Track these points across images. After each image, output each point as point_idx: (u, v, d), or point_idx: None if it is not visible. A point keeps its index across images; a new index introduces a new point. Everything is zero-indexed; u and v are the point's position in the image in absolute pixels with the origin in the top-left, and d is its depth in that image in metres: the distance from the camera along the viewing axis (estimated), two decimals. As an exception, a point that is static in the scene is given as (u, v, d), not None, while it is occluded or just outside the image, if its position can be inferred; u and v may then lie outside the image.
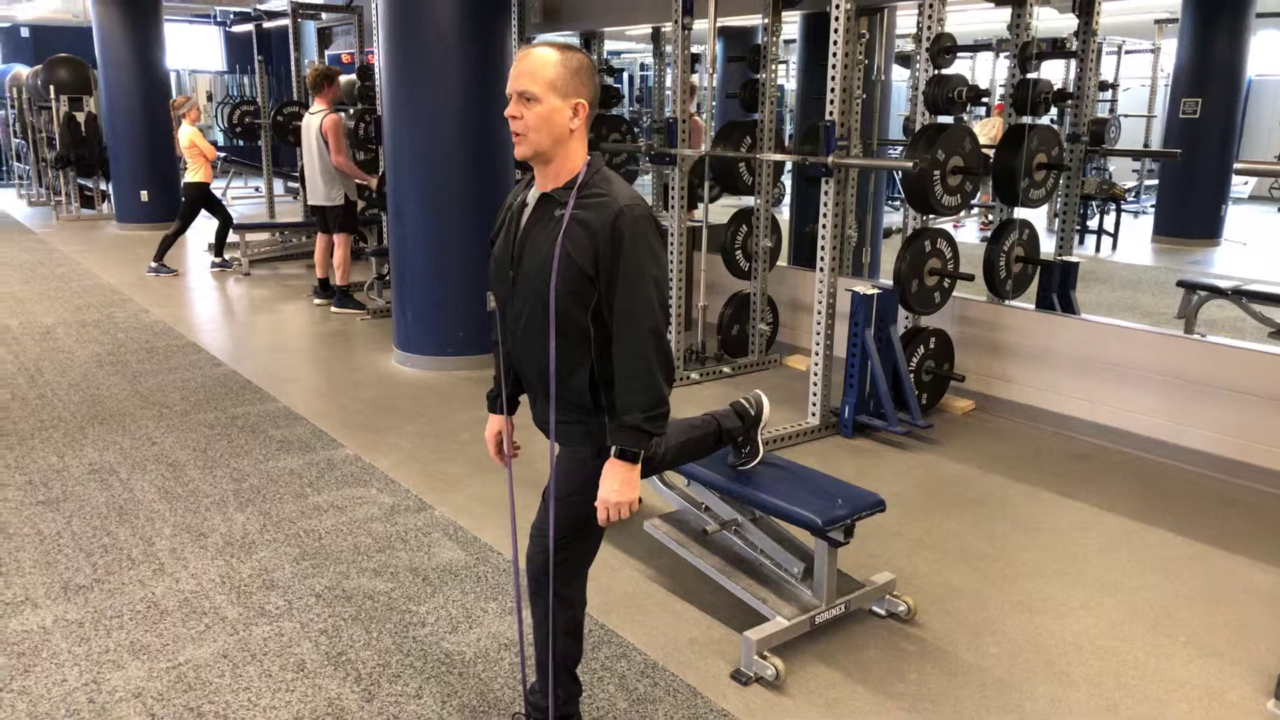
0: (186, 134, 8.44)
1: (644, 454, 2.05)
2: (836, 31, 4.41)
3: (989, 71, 13.17)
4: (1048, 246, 5.49)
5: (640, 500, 2.09)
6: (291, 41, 10.17)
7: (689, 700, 2.65)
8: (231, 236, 8.99)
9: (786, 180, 8.54)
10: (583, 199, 2.00)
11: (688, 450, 2.79)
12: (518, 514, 2.45)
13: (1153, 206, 11.58)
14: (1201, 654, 2.92)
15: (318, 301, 7.56)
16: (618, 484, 2.04)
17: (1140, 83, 13.21)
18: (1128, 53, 12.62)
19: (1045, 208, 5.75)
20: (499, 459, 2.39)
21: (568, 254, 1.98)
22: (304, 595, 3.18)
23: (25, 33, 17.01)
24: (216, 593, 3.20)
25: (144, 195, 11.29)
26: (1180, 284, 6.03)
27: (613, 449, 2.04)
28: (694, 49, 5.72)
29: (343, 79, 9.07)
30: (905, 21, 7.85)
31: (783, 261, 6.27)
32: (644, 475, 2.12)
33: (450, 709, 2.61)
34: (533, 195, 2.10)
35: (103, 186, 12.43)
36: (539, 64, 1.97)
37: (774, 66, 5.57)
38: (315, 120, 7.00)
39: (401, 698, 2.65)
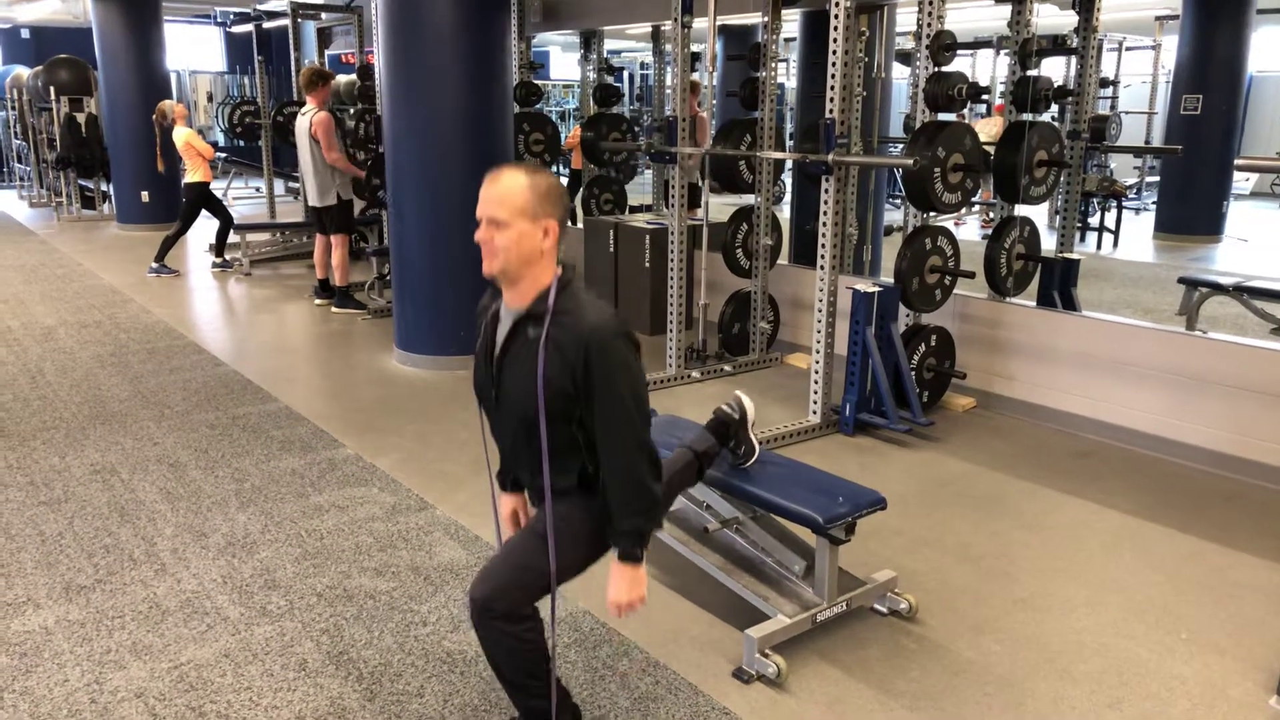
0: (182, 135, 8.44)
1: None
2: (836, 29, 4.40)
3: (989, 69, 13.15)
4: (1049, 244, 5.49)
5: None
6: (291, 42, 10.16)
7: (690, 698, 2.65)
8: (232, 237, 8.99)
9: (787, 179, 8.54)
10: (555, 320, 2.06)
11: (672, 492, 2.84)
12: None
13: (1154, 203, 11.56)
14: (1203, 650, 2.91)
15: (318, 302, 7.56)
16: (625, 584, 2.14)
17: (1141, 79, 13.19)
18: (1128, 49, 12.60)
19: (1046, 205, 5.76)
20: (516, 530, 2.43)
21: (549, 378, 2.06)
22: (305, 595, 3.19)
23: (25, 34, 17.01)
24: (218, 593, 3.20)
25: (144, 196, 11.30)
26: (1182, 281, 6.03)
27: (615, 551, 2.13)
28: (694, 47, 5.71)
29: (342, 79, 9.08)
30: (905, 19, 7.85)
31: (783, 260, 6.27)
32: None
33: (451, 708, 2.61)
34: (505, 312, 2.17)
35: (103, 187, 12.43)
36: (508, 190, 2.03)
37: (774, 64, 5.57)
38: (306, 120, 7.02)
39: (403, 697, 2.65)
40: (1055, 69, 5.81)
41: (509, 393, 2.15)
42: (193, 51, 18.11)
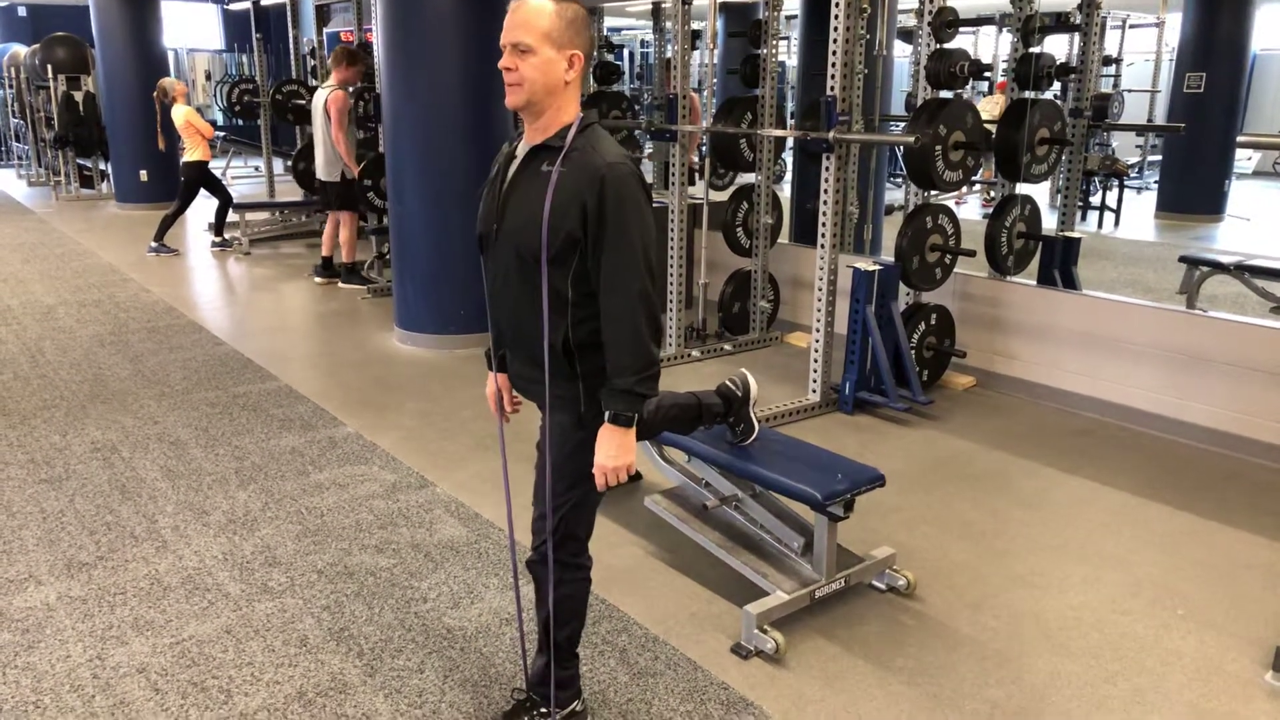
0: (181, 114, 8.41)
1: (637, 417, 2.04)
2: (838, 6, 4.37)
3: (992, 46, 13.06)
4: (1050, 222, 5.47)
5: (640, 476, 2.09)
6: (290, 19, 10.11)
7: (689, 673, 2.67)
8: (231, 216, 8.97)
9: (788, 157, 8.50)
10: (569, 156, 1.98)
11: (671, 419, 2.81)
12: (511, 486, 2.46)
13: (1156, 182, 11.52)
14: (1200, 627, 2.93)
15: (319, 280, 7.56)
16: (613, 449, 2.04)
17: (1144, 57, 13.11)
18: (1132, 27, 12.51)
19: (1048, 183, 5.74)
20: (499, 415, 2.40)
21: (555, 210, 1.96)
22: (306, 572, 3.20)
23: (22, 11, 16.92)
24: (219, 569, 3.21)
25: (143, 175, 11.25)
26: (1183, 259, 6.01)
27: (606, 413, 2.03)
28: (694, 24, 5.68)
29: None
30: (907, -4, 7.78)
31: (784, 238, 6.25)
32: (637, 438, 2.12)
33: (452, 683, 2.62)
34: (522, 148, 2.09)
35: (102, 166, 12.39)
36: (534, 14, 1.95)
37: (775, 42, 5.53)
38: (322, 95, 7.02)
39: (404, 672, 2.67)
40: (1058, 46, 5.78)
41: (511, 223, 2.05)
42: (190, 29, 17.98)
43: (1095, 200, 10.22)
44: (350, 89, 7.16)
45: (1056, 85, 5.43)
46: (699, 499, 3.26)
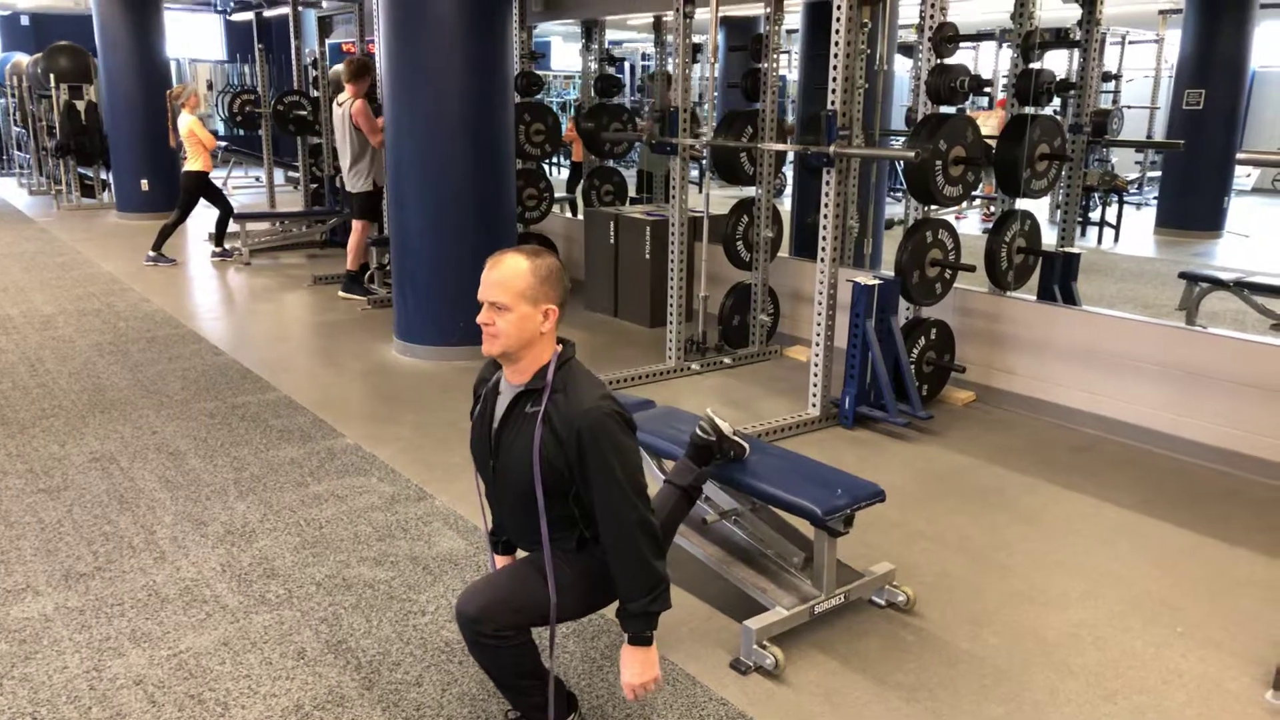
0: (186, 123, 8.43)
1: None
2: (839, 21, 4.39)
3: (992, 62, 13.11)
4: (1049, 238, 5.48)
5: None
6: (292, 30, 10.14)
7: (688, 689, 2.66)
8: (232, 226, 8.98)
9: (788, 171, 8.52)
10: (551, 397, 2.11)
11: (669, 533, 2.78)
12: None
13: (1155, 198, 11.55)
14: (1200, 645, 2.92)
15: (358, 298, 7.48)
16: (638, 667, 2.15)
17: (1144, 74, 13.16)
18: (1131, 43, 12.57)
19: (1047, 199, 5.75)
20: None
21: (544, 455, 2.10)
22: (304, 584, 3.19)
23: (25, 20, 16.96)
24: (217, 581, 3.20)
25: (144, 184, 11.27)
26: (1182, 276, 6.02)
27: (626, 636, 2.15)
28: (695, 38, 5.70)
29: (339, 68, 9.00)
30: (908, 11, 7.81)
31: (784, 252, 6.26)
32: None
33: (450, 697, 2.61)
34: (505, 386, 2.21)
35: (103, 175, 12.40)
36: (510, 275, 2.08)
37: (776, 56, 5.55)
38: (344, 110, 7.05)
39: (401, 685, 2.66)
40: (1058, 62, 5.80)
41: (506, 465, 2.19)
42: (193, 39, 18.03)
43: (1095, 216, 10.24)
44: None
45: (1056, 101, 5.45)
46: (698, 513, 3.24)
